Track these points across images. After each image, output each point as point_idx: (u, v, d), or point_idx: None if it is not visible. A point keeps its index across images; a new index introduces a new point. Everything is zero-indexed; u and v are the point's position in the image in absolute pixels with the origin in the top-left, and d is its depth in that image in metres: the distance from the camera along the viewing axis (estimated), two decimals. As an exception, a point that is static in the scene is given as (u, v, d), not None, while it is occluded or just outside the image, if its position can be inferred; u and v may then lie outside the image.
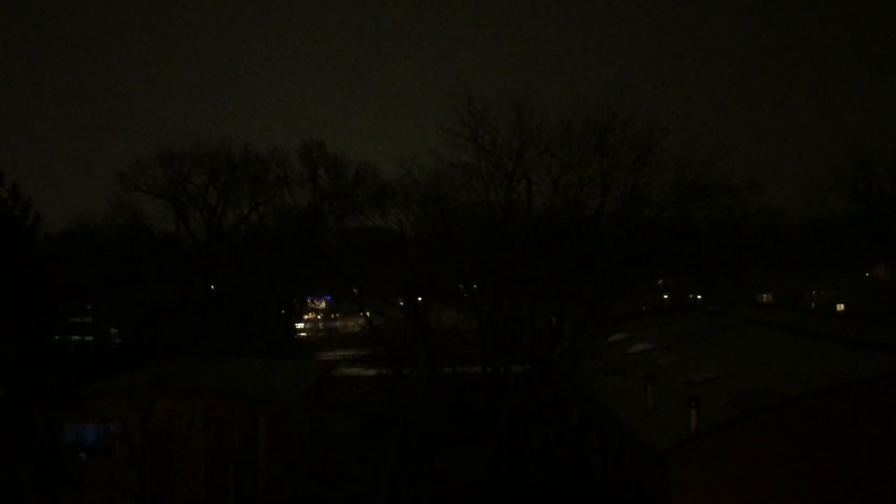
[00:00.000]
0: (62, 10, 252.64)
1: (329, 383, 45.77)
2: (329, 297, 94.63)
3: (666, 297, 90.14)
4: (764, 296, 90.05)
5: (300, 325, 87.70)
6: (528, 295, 31.56)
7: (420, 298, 35.76)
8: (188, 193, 72.49)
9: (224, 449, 30.64)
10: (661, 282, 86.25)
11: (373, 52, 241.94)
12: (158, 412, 28.43)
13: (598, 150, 31.29)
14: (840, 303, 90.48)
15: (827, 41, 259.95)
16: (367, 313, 40.60)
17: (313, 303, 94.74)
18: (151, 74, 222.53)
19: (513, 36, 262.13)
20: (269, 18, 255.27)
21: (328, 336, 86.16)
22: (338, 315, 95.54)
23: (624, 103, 30.74)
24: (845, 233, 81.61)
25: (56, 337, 38.19)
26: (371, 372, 51.15)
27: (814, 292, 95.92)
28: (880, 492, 21.46)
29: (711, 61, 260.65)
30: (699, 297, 78.48)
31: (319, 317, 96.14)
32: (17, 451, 28.40)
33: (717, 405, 23.54)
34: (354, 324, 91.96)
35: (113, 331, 68.37)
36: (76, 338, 63.51)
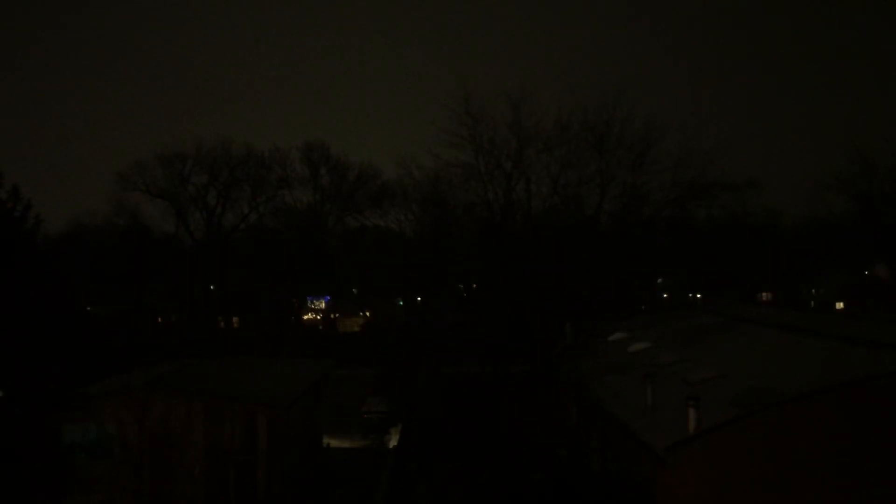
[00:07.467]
0: (62, 11, 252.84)
1: (329, 383, 45.73)
2: (329, 298, 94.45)
3: (666, 296, 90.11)
4: (764, 295, 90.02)
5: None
6: (528, 294, 31.59)
7: (420, 298, 35.77)
8: (188, 194, 72.68)
9: (223, 449, 30.59)
10: (660, 281, 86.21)
11: (372, 53, 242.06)
12: (157, 412, 28.44)
13: (597, 149, 31.39)
14: (840, 302, 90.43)
15: (827, 41, 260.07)
16: (367, 313, 40.53)
17: (313, 303, 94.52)
18: (152, 75, 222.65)
19: (511, 35, 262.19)
20: (270, 18, 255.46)
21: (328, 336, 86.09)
22: (338, 315, 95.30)
23: (622, 102, 30.89)
24: (845, 232, 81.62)
25: (56, 337, 38.12)
26: (370, 371, 51.27)
27: (813, 291, 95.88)
28: (880, 492, 21.44)
29: (711, 60, 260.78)
30: (699, 296, 78.47)
31: (319, 317, 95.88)
32: (17, 452, 28.40)
33: (716, 404, 23.49)
34: (354, 323, 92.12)
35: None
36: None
